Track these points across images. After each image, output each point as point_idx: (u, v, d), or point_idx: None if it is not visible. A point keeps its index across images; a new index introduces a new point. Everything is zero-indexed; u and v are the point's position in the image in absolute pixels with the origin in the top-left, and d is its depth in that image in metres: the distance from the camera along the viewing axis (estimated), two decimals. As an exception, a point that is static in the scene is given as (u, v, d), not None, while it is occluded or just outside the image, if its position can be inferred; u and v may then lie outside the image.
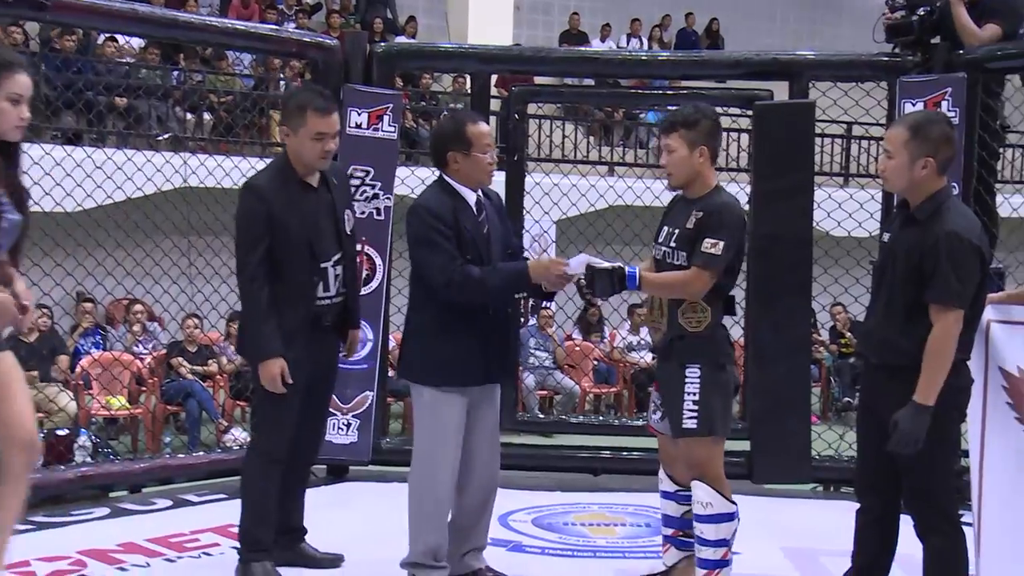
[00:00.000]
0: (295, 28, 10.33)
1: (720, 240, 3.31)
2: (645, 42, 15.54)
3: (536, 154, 10.47)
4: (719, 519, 3.40)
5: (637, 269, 3.40)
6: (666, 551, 3.72)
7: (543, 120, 11.25)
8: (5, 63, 2.87)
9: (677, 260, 3.42)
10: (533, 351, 9.53)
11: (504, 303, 3.65)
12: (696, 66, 5.78)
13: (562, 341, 10.03)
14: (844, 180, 11.94)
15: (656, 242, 3.54)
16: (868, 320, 3.28)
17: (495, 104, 8.34)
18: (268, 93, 10.54)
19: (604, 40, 15.26)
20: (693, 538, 3.49)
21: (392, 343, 5.57)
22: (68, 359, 8.06)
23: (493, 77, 7.37)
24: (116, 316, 9.23)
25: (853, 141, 12.49)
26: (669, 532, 3.70)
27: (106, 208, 6.73)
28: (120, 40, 9.96)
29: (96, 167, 6.18)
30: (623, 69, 6.16)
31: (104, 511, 4.63)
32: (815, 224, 5.17)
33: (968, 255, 2.98)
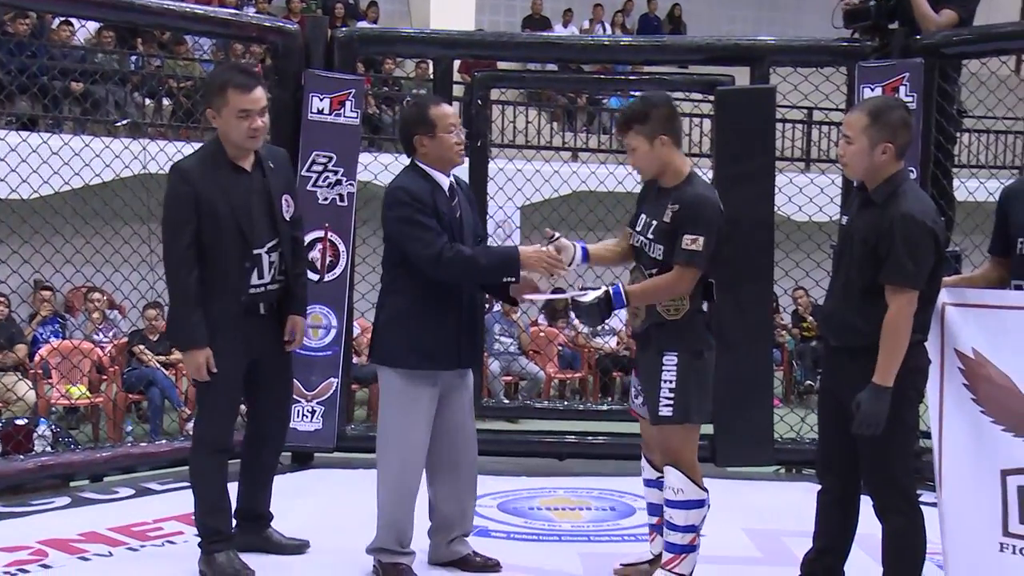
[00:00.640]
0: (255, 13, 10.22)
1: (699, 235, 3.31)
2: (608, 27, 15.55)
3: (499, 140, 10.46)
4: (689, 505, 3.43)
5: (621, 286, 3.39)
6: (652, 539, 3.71)
7: (506, 106, 11.24)
8: None
9: (654, 253, 3.41)
10: (498, 337, 9.54)
11: (480, 288, 3.66)
12: (658, 51, 5.79)
13: (527, 327, 10.05)
14: (805, 165, 12.05)
15: (634, 230, 3.53)
16: (827, 303, 3.32)
17: (458, 90, 8.32)
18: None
19: (566, 25, 15.25)
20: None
21: (356, 329, 5.55)
22: (26, 348, 7.97)
23: (456, 62, 7.36)
24: (75, 304, 9.12)
25: (814, 126, 12.60)
26: (654, 520, 3.68)
27: (64, 195, 6.63)
28: (75, 24, 9.80)
29: (53, 153, 6.08)
30: (585, 54, 6.17)
31: (65, 500, 4.59)
32: (777, 209, 5.22)
33: (922, 237, 3.01)
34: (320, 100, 5.13)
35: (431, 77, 6.67)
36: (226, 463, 3.67)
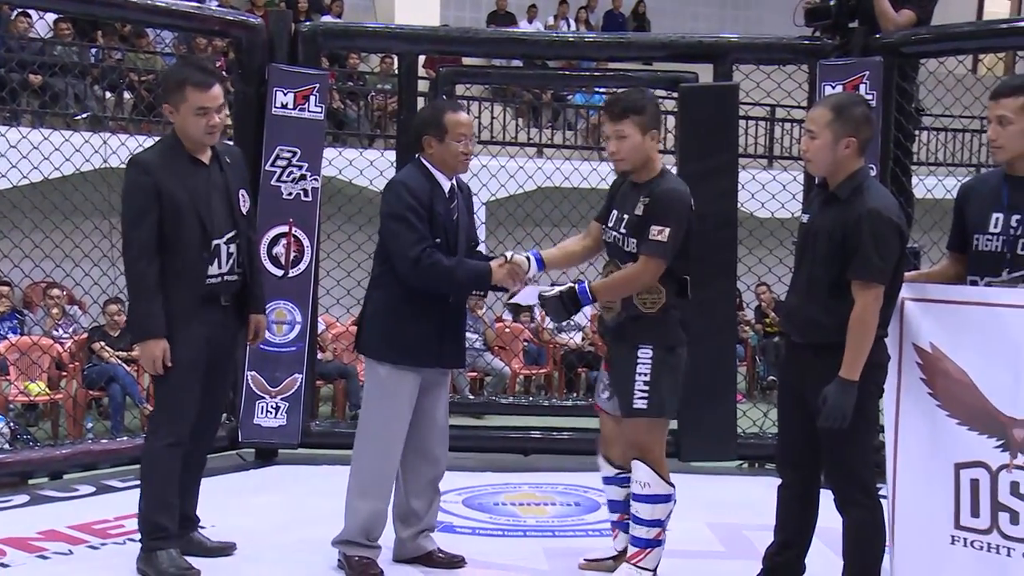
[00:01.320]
0: (218, 6, 10.12)
1: (666, 227, 3.33)
2: (572, 24, 15.57)
3: (464, 135, 10.42)
4: (656, 500, 3.45)
5: (587, 283, 3.42)
6: (616, 536, 3.72)
7: (471, 101, 11.21)
8: None
9: (628, 247, 3.44)
10: (463, 333, 9.52)
11: (463, 295, 3.71)
12: (622, 48, 5.81)
13: (492, 323, 10.05)
14: (768, 162, 12.15)
15: (606, 226, 3.55)
16: (789, 299, 3.34)
17: (423, 85, 8.29)
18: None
19: (531, 21, 15.25)
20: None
21: (321, 325, 5.52)
22: (-17, 344, 7.85)
23: (421, 58, 7.33)
24: (34, 299, 9.00)
25: (776, 123, 12.70)
26: (615, 517, 3.70)
27: (22, 189, 6.53)
28: (33, 16, 9.65)
29: (10, 146, 5.99)
30: (551, 50, 6.19)
31: (24, 498, 4.53)
32: (739, 205, 5.27)
33: (889, 232, 3.05)
34: (284, 95, 5.09)
35: (396, 72, 6.64)
36: (180, 458, 3.61)
